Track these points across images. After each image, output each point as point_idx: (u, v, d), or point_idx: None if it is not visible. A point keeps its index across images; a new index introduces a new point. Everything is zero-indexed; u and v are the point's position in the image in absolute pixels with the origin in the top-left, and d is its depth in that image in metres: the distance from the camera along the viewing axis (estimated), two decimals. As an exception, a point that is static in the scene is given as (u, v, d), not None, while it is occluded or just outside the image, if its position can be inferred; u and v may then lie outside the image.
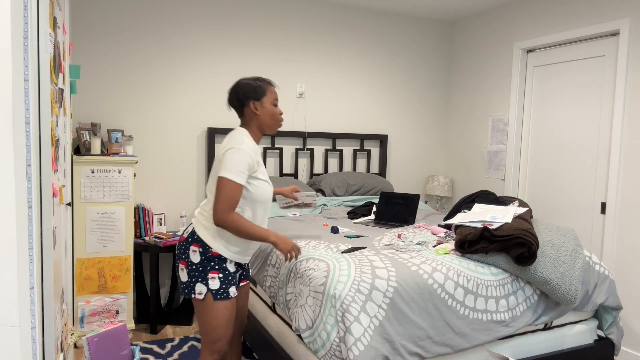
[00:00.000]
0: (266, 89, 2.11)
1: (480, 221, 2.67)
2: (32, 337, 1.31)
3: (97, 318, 3.31)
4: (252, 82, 2.11)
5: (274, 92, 2.12)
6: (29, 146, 1.21)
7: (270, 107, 2.11)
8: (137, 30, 3.71)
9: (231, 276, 2.07)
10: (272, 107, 2.11)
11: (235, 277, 2.10)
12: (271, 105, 2.11)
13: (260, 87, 2.10)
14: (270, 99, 2.11)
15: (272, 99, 2.11)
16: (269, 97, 2.10)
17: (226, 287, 2.04)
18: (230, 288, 2.05)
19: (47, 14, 1.62)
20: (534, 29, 3.90)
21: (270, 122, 2.12)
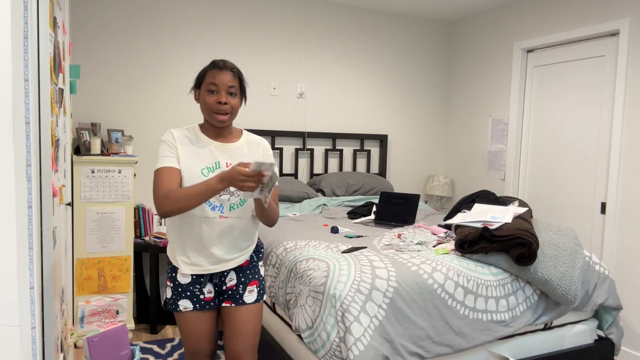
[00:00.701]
0: (205, 73, 1.79)
1: (480, 221, 2.67)
2: (32, 337, 1.31)
3: (97, 318, 3.31)
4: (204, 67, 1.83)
5: (210, 77, 1.76)
6: (29, 146, 1.21)
7: (205, 95, 1.77)
8: (137, 30, 3.71)
9: (182, 288, 1.83)
10: (206, 95, 1.77)
11: (191, 291, 1.83)
12: (205, 92, 1.77)
13: (201, 73, 1.81)
14: (205, 85, 1.77)
15: (207, 84, 1.76)
16: (205, 83, 1.78)
17: (176, 299, 1.83)
18: (180, 301, 1.83)
19: (47, 14, 1.62)
20: (534, 29, 3.90)
21: (206, 114, 1.79)
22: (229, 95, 1.78)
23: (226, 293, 1.88)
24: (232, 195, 1.78)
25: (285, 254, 2.61)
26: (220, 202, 1.77)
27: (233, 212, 1.79)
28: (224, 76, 1.77)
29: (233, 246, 1.82)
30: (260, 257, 1.98)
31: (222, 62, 1.80)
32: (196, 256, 1.80)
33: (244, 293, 1.88)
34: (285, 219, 3.42)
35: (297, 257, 2.49)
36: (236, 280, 1.87)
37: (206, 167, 1.77)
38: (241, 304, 1.86)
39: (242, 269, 1.89)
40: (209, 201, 1.75)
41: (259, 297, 1.91)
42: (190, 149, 1.79)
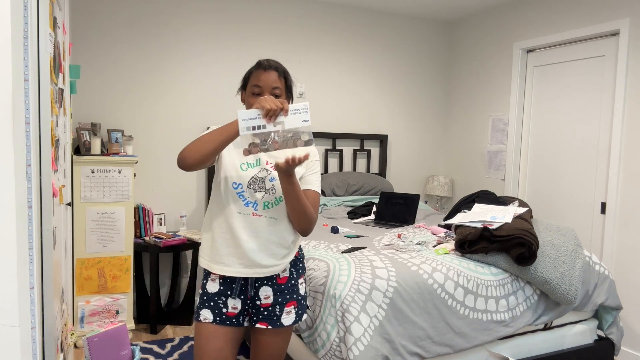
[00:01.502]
0: (250, 74, 1.75)
1: (480, 221, 2.67)
2: (32, 337, 1.31)
3: (97, 318, 3.31)
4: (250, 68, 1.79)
5: (255, 78, 1.71)
6: (29, 146, 1.22)
7: (249, 97, 1.71)
8: (137, 30, 3.71)
9: (207, 297, 1.74)
10: (250, 97, 1.71)
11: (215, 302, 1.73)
12: (250, 95, 1.71)
13: (247, 74, 1.78)
14: (249, 87, 1.72)
15: (251, 86, 1.71)
16: (250, 84, 1.72)
17: (200, 307, 1.74)
18: (202, 310, 1.73)
19: (47, 14, 1.62)
20: (534, 29, 3.90)
21: None
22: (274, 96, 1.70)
23: (261, 313, 1.74)
24: (267, 193, 1.71)
25: (285, 254, 2.60)
26: (255, 198, 1.69)
27: (267, 211, 1.70)
28: (268, 77, 1.70)
29: (266, 249, 1.70)
30: (300, 272, 1.82)
31: (267, 61, 1.73)
32: (227, 255, 1.70)
33: (281, 315, 1.74)
34: (285, 219, 3.42)
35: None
36: (273, 299, 1.74)
37: (246, 163, 1.72)
38: (279, 326, 1.74)
39: (279, 287, 1.75)
40: (244, 196, 1.68)
41: (297, 318, 1.77)
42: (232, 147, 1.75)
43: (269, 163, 1.74)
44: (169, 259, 3.94)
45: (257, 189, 1.70)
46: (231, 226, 1.69)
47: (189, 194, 3.95)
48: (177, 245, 3.50)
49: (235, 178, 1.70)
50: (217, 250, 1.72)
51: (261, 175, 1.71)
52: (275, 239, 1.71)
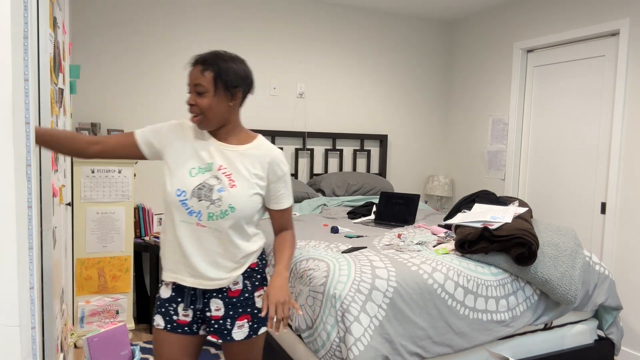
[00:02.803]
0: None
1: (480, 221, 2.67)
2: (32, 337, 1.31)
3: (97, 318, 3.31)
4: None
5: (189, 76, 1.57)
6: (29, 146, 1.21)
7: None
8: (137, 30, 3.71)
9: (160, 302, 1.66)
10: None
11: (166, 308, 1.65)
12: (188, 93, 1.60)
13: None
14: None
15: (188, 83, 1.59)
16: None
17: (154, 312, 1.68)
18: (155, 315, 1.67)
19: (47, 14, 1.62)
20: (534, 29, 3.90)
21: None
22: (197, 95, 1.54)
23: (212, 325, 1.64)
24: (213, 204, 1.55)
25: (285, 254, 2.60)
26: (199, 207, 1.56)
27: (211, 223, 1.56)
28: (191, 73, 1.55)
29: (212, 262, 1.59)
30: (257, 285, 1.67)
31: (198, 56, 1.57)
32: (174, 262, 1.62)
33: (232, 329, 1.62)
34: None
35: (297, 257, 2.49)
36: (224, 312, 1.63)
37: (197, 167, 1.59)
38: (229, 340, 1.63)
39: (231, 300, 1.63)
40: (187, 204, 1.55)
41: (251, 332, 1.64)
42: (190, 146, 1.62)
43: (223, 168, 1.58)
44: (169, 259, 3.93)
45: (202, 196, 1.55)
46: (176, 234, 1.59)
47: (189, 194, 3.95)
48: (177, 245, 3.49)
49: (179, 184, 1.56)
50: (166, 257, 1.64)
51: (210, 183, 1.56)
52: (221, 252, 1.59)
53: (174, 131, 1.63)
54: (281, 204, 1.68)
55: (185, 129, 1.64)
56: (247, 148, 1.63)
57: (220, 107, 1.55)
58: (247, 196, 1.58)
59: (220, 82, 1.53)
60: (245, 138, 1.65)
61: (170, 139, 1.62)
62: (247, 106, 4.12)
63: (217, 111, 1.55)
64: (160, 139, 1.62)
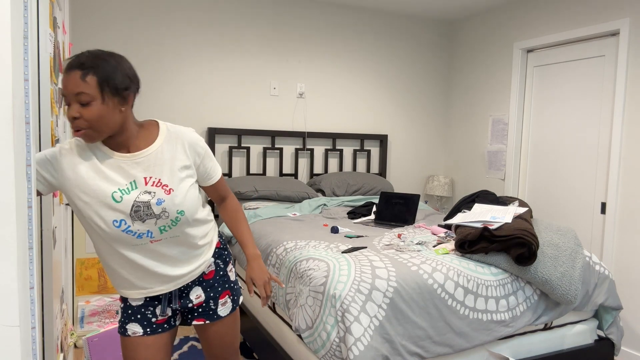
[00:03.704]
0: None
1: (480, 221, 2.67)
2: (32, 337, 1.31)
3: (97, 318, 3.31)
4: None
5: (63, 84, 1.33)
6: (29, 146, 1.21)
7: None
8: (137, 30, 3.71)
9: (132, 311, 1.57)
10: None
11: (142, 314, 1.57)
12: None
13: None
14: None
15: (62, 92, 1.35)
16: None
17: (124, 322, 1.58)
18: (128, 324, 1.57)
19: (47, 14, 1.62)
20: (534, 29, 3.90)
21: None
22: (81, 106, 1.30)
23: (196, 311, 1.63)
24: (160, 219, 1.43)
25: (285, 254, 2.61)
26: (147, 227, 1.42)
27: (166, 234, 1.46)
28: (69, 82, 1.29)
29: (179, 263, 1.53)
30: (227, 260, 1.69)
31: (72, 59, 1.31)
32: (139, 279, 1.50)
33: (217, 308, 1.63)
34: (285, 219, 3.42)
35: (297, 257, 2.49)
36: (205, 296, 1.62)
37: (118, 190, 1.39)
38: (217, 319, 1.64)
39: (208, 282, 1.62)
40: (131, 230, 1.40)
41: (234, 305, 1.68)
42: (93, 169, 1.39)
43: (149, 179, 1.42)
44: (169, 259, 3.94)
45: (144, 217, 1.41)
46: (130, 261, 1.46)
47: (189, 194, 3.95)
48: (177, 245, 3.50)
49: (111, 215, 1.38)
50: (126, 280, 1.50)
51: (144, 199, 1.40)
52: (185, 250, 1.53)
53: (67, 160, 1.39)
54: (213, 177, 1.62)
55: (79, 151, 1.41)
56: (158, 145, 1.46)
57: (112, 115, 1.34)
58: (187, 192, 1.47)
59: (107, 87, 1.32)
60: (149, 135, 1.47)
61: (67, 170, 1.39)
62: (247, 106, 4.12)
63: (108, 120, 1.34)
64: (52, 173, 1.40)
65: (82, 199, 1.38)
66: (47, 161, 1.39)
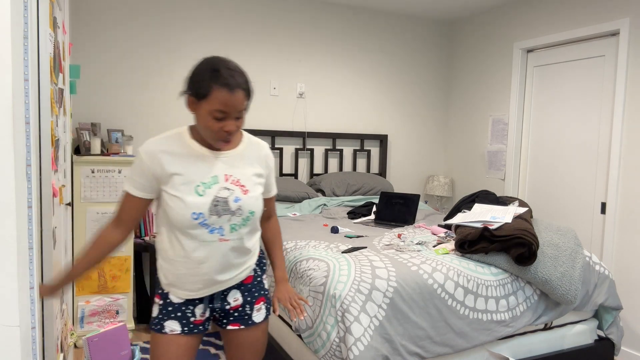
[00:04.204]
0: (211, 91, 1.40)
1: (480, 221, 2.67)
2: (32, 337, 1.31)
3: (97, 318, 3.31)
4: (206, 70, 1.43)
5: (218, 101, 1.40)
6: (29, 146, 1.22)
7: (206, 116, 1.43)
8: (137, 30, 3.71)
9: (172, 307, 1.60)
10: (208, 118, 1.43)
11: (182, 312, 1.61)
12: (208, 115, 1.43)
13: (204, 85, 1.41)
14: (210, 107, 1.41)
15: (213, 109, 1.41)
16: (209, 103, 1.41)
17: (162, 319, 1.60)
18: (167, 322, 1.59)
19: (47, 14, 1.62)
20: (534, 29, 3.90)
21: (205, 134, 1.48)
22: (237, 119, 1.47)
23: (232, 315, 1.67)
24: (234, 215, 1.52)
25: (285, 254, 2.61)
26: (220, 224, 1.51)
27: (234, 234, 1.55)
28: (235, 100, 1.42)
29: (232, 267, 1.61)
30: (264, 269, 1.77)
31: (231, 76, 1.42)
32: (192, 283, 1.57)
33: (252, 313, 1.68)
34: (285, 219, 3.42)
35: (297, 257, 2.49)
36: (242, 300, 1.67)
37: (202, 184, 1.50)
38: (251, 324, 1.68)
39: (246, 287, 1.68)
40: (207, 224, 1.50)
41: (267, 313, 1.74)
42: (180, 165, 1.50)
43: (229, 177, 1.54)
44: (169, 259, 3.93)
45: (221, 212, 1.50)
46: (194, 258, 1.53)
47: (189, 194, 3.95)
48: (177, 245, 3.50)
49: (193, 207, 1.47)
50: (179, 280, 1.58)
51: (223, 195, 1.50)
52: (238, 255, 1.61)
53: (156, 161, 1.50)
54: (271, 192, 1.76)
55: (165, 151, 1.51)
56: (242, 149, 1.59)
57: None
58: (259, 198, 1.59)
59: (249, 101, 1.50)
60: (235, 139, 1.60)
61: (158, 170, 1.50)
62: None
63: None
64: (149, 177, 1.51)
65: (169, 192, 1.49)
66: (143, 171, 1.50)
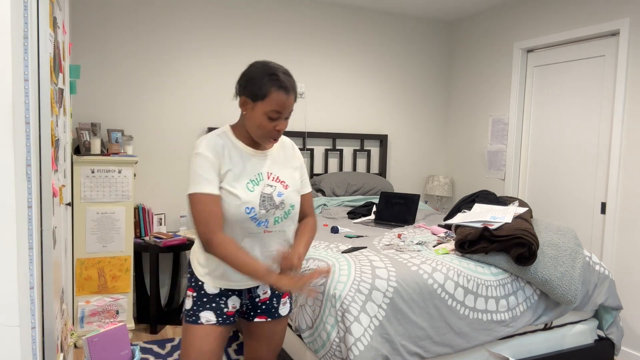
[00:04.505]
0: (269, 93, 1.53)
1: (480, 221, 2.67)
2: (32, 337, 1.31)
3: (97, 318, 3.31)
4: (264, 74, 1.55)
5: (276, 102, 1.54)
6: (29, 146, 1.22)
7: (261, 117, 1.55)
8: (137, 30, 3.71)
9: (207, 298, 1.68)
10: (263, 119, 1.56)
11: (217, 303, 1.68)
12: (263, 114, 1.55)
13: (263, 87, 1.54)
14: (267, 107, 1.54)
15: (269, 109, 1.54)
16: (266, 104, 1.54)
17: (197, 310, 1.67)
18: (202, 312, 1.67)
19: (47, 14, 1.62)
20: (534, 29, 3.90)
21: (256, 133, 1.60)
22: (286, 119, 1.61)
23: (259, 307, 1.77)
24: (277, 209, 1.65)
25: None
26: (267, 216, 1.64)
27: (277, 226, 1.67)
28: (289, 102, 1.57)
29: (270, 259, 1.71)
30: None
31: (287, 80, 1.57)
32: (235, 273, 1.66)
33: (279, 306, 1.79)
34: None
35: (297, 257, 2.49)
36: (270, 293, 1.78)
37: (250, 181, 1.63)
38: (277, 317, 1.79)
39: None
40: (257, 218, 1.62)
41: (291, 307, 1.84)
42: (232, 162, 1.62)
43: (271, 175, 1.67)
44: (169, 259, 3.94)
45: (268, 206, 1.64)
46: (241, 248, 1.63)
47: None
48: (177, 245, 3.50)
49: (247, 202, 1.60)
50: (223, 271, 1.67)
51: (268, 192, 1.64)
52: (278, 247, 1.71)
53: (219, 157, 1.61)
54: (304, 189, 1.81)
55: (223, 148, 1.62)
56: (277, 148, 1.73)
57: None
58: (298, 191, 1.72)
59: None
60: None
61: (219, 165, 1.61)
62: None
63: None
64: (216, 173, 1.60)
65: (225, 188, 1.59)
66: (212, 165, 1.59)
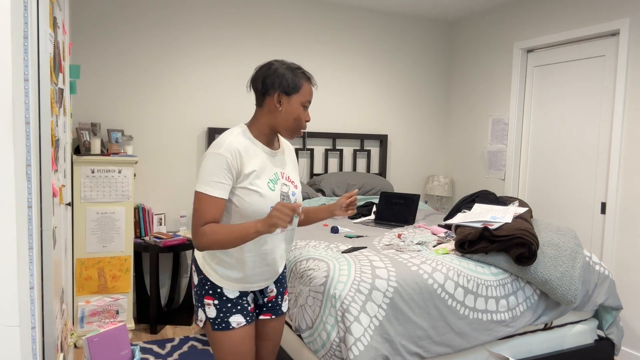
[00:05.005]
0: (302, 85, 1.65)
1: (481, 221, 2.67)
2: (32, 337, 1.31)
3: (97, 318, 3.31)
4: (289, 69, 1.66)
5: (308, 92, 1.67)
6: (29, 146, 1.21)
7: (298, 107, 1.66)
8: (137, 30, 3.71)
9: (231, 303, 1.70)
10: (300, 109, 1.66)
11: (241, 304, 1.71)
12: (300, 106, 1.66)
13: (296, 81, 1.65)
14: (302, 98, 1.66)
15: (303, 100, 1.66)
16: (301, 95, 1.66)
17: (224, 316, 1.68)
18: (231, 317, 1.69)
19: (47, 14, 1.62)
20: (534, 29, 3.90)
21: (291, 125, 1.67)
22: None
23: (265, 305, 1.83)
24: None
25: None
26: None
27: (291, 225, 1.75)
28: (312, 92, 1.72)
29: (283, 257, 1.78)
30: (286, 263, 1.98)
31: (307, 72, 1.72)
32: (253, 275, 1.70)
33: (282, 303, 1.86)
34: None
35: (297, 257, 2.49)
36: (276, 291, 1.84)
37: (270, 180, 1.66)
38: (280, 314, 1.85)
39: (278, 279, 1.85)
40: None
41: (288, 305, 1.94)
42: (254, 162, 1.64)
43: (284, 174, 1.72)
44: (169, 259, 3.94)
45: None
46: (263, 250, 1.68)
47: (189, 194, 3.95)
48: (177, 245, 3.50)
49: (270, 201, 1.63)
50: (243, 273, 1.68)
51: (285, 191, 1.70)
52: (287, 247, 1.79)
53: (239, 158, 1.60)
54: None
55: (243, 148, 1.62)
56: (283, 147, 1.79)
57: None
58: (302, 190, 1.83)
59: None
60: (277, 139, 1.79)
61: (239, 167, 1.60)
62: (248, 106, 4.12)
63: None
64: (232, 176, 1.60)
65: (248, 187, 1.61)
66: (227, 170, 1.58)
